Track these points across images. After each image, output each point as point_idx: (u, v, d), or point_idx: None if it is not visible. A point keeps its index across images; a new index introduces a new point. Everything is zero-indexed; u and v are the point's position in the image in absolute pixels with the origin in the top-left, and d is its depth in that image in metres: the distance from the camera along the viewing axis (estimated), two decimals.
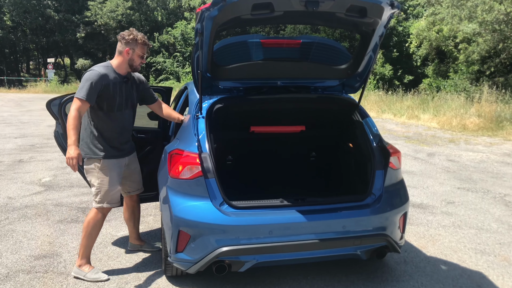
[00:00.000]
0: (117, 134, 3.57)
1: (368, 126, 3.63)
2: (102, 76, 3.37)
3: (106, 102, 3.45)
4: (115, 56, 3.55)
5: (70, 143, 3.22)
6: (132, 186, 3.89)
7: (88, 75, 3.36)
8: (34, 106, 19.84)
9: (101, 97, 3.40)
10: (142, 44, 3.50)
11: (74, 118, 3.24)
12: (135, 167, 3.85)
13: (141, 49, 3.51)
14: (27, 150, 9.12)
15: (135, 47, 3.48)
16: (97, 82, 3.33)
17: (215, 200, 3.02)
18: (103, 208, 3.57)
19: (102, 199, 3.55)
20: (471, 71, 20.32)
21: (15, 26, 41.49)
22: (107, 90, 3.40)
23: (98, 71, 3.37)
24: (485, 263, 3.95)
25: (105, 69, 3.45)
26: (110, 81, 3.42)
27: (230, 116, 3.86)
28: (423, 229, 4.76)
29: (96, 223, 3.58)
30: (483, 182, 6.81)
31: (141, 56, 3.53)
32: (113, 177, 3.55)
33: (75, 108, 3.27)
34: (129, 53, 3.47)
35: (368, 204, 3.24)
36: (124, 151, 3.66)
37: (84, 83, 3.32)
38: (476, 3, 18.31)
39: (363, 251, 3.24)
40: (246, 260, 3.04)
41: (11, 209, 5.26)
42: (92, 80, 3.31)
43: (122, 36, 3.49)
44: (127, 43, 3.46)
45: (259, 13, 2.88)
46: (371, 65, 3.56)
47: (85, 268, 3.58)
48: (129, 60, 3.50)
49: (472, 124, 12.63)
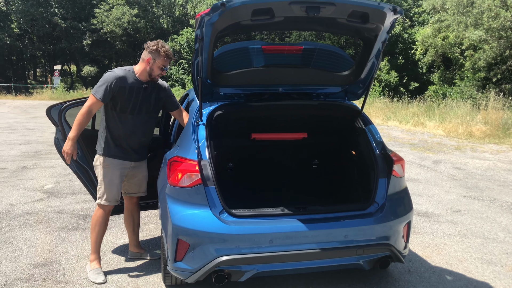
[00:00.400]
0: (125, 135, 3.64)
1: (371, 133, 3.58)
2: (119, 78, 3.49)
3: (120, 104, 3.55)
4: (139, 62, 3.65)
5: (70, 136, 3.45)
6: (132, 188, 3.90)
7: (107, 76, 3.49)
8: (39, 112, 19.92)
9: (115, 98, 3.52)
10: (164, 57, 3.55)
11: (83, 114, 3.45)
12: (141, 171, 3.89)
13: (162, 62, 3.57)
14: (31, 156, 9.13)
15: (157, 58, 3.54)
16: (114, 84, 3.46)
17: (215, 209, 2.97)
18: (102, 205, 3.69)
19: (101, 195, 3.67)
20: (477, 78, 20.21)
21: (23, 33, 41.87)
22: (122, 92, 3.51)
23: (116, 73, 3.50)
24: (492, 273, 3.87)
25: (124, 72, 3.56)
26: (127, 84, 3.52)
27: (231, 123, 3.82)
28: (428, 238, 4.68)
29: (99, 219, 3.72)
30: (489, 190, 6.72)
31: (161, 68, 3.60)
32: (113, 176, 3.65)
33: (88, 104, 3.47)
34: (150, 63, 3.55)
35: (371, 213, 3.18)
36: (131, 154, 3.72)
37: (101, 82, 3.47)
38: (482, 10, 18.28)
39: (366, 261, 3.17)
40: (246, 270, 2.98)
41: (13, 216, 5.24)
42: (109, 81, 3.45)
43: (148, 45, 3.58)
44: (150, 53, 3.54)
45: (259, 18, 2.84)
46: (374, 71, 3.51)
47: (92, 264, 3.74)
48: (149, 69, 3.57)
49: (478, 131, 12.52)
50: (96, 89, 3.46)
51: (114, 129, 3.62)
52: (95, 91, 3.45)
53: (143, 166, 3.91)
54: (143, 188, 3.96)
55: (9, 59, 44.69)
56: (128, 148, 3.69)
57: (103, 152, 3.63)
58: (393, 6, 2.83)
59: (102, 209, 3.71)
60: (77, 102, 4.00)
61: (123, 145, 3.65)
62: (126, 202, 3.99)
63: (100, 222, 3.72)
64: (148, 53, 3.55)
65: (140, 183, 3.92)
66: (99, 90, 3.44)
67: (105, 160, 3.62)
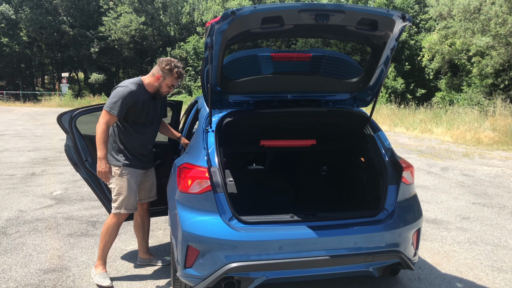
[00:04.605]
0: (139, 146, 3.71)
1: (380, 140, 3.57)
2: (133, 93, 3.51)
3: (133, 117, 3.60)
4: (149, 75, 3.68)
5: (100, 156, 3.45)
6: (143, 194, 3.94)
7: (121, 91, 3.48)
8: (48, 119, 20.10)
9: (129, 112, 3.56)
10: (175, 78, 3.61)
11: (104, 132, 3.44)
12: (151, 177, 3.96)
13: (172, 81, 3.62)
14: (40, 163, 9.19)
15: (167, 77, 3.59)
16: (128, 99, 3.49)
17: (224, 215, 2.98)
18: (120, 214, 3.70)
19: (120, 204, 3.67)
20: (485, 85, 20.11)
21: (31, 41, 42.34)
22: (136, 106, 3.56)
23: (130, 89, 3.51)
24: (503, 281, 3.84)
25: (136, 86, 3.57)
26: (139, 98, 3.56)
27: (240, 130, 3.84)
28: (438, 245, 4.65)
29: (112, 228, 3.73)
30: (499, 197, 6.67)
31: (170, 86, 3.65)
32: (130, 185, 3.67)
33: (105, 121, 3.46)
34: (160, 80, 3.60)
35: (380, 220, 3.17)
36: (143, 163, 3.79)
37: (116, 98, 3.46)
38: (489, 16, 18.23)
39: (375, 268, 3.16)
40: (256, 277, 2.98)
41: (22, 222, 5.27)
42: (124, 96, 3.46)
43: (161, 61, 3.61)
44: (162, 70, 3.57)
45: (269, 26, 2.86)
46: (383, 78, 3.52)
47: (98, 269, 3.74)
48: (157, 85, 3.62)
49: (486, 138, 12.45)
50: (110, 105, 3.47)
51: (128, 140, 3.66)
52: (110, 107, 3.46)
53: (152, 172, 3.98)
54: (154, 192, 4.02)
55: (18, 66, 45.13)
56: (141, 156, 3.75)
57: (119, 163, 3.64)
58: (402, 14, 2.84)
59: (118, 217, 3.72)
60: (88, 109, 4.04)
61: (136, 154, 3.70)
62: (138, 208, 3.99)
63: (112, 230, 3.74)
64: (160, 70, 3.58)
65: (150, 189, 3.98)
66: (115, 107, 3.45)
67: (123, 169, 3.65)
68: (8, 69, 43.80)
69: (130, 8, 39.27)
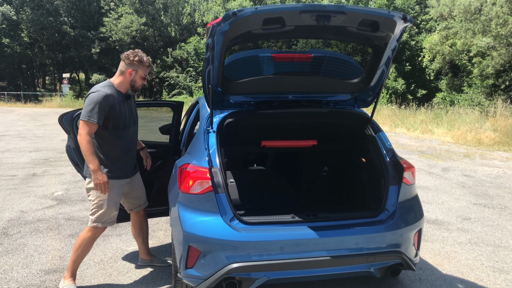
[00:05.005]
0: (123, 152, 3.55)
1: (381, 140, 3.58)
2: (108, 97, 3.34)
3: (112, 122, 3.43)
4: (117, 75, 3.55)
5: (94, 168, 3.27)
6: (134, 203, 3.82)
7: (96, 97, 3.30)
8: (49, 120, 20.12)
9: (108, 117, 3.38)
10: (147, 67, 3.52)
11: (89, 143, 3.26)
12: (137, 184, 3.79)
13: (144, 71, 3.53)
14: (41, 164, 9.20)
15: (139, 69, 3.49)
16: (104, 103, 3.31)
17: (226, 216, 2.98)
18: (97, 228, 3.52)
19: (98, 218, 3.49)
20: (486, 85, 20.11)
21: (32, 42, 42.39)
22: (113, 110, 3.39)
23: (104, 92, 3.34)
24: (504, 281, 3.83)
25: (109, 89, 3.42)
26: (115, 100, 3.41)
27: (241, 131, 3.84)
28: (439, 246, 4.65)
29: (87, 241, 3.54)
30: (500, 198, 6.66)
31: (144, 78, 3.55)
32: (112, 198, 3.49)
33: (86, 132, 3.26)
34: (132, 74, 3.49)
35: (381, 220, 3.17)
36: (127, 172, 3.62)
37: (92, 105, 3.28)
38: (490, 17, 18.23)
39: (376, 269, 3.16)
40: (257, 277, 2.98)
41: (23, 223, 5.28)
42: (100, 102, 3.28)
43: (126, 56, 3.47)
44: (131, 64, 3.46)
45: (270, 27, 2.87)
46: (384, 79, 3.52)
47: (66, 281, 3.55)
48: (131, 80, 3.51)
49: (487, 138, 12.44)
50: (88, 113, 3.26)
51: (110, 148, 3.47)
52: (89, 116, 3.25)
53: (138, 179, 3.81)
54: (144, 199, 3.88)
55: (19, 67, 45.16)
56: (125, 165, 3.58)
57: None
58: (403, 15, 2.84)
59: (95, 231, 3.53)
60: None
61: (120, 163, 3.53)
62: (134, 217, 3.91)
63: (86, 244, 3.55)
64: (128, 65, 3.46)
65: (140, 196, 3.83)
66: (92, 114, 3.26)
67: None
68: (9, 69, 43.86)
69: (131, 8, 39.27)
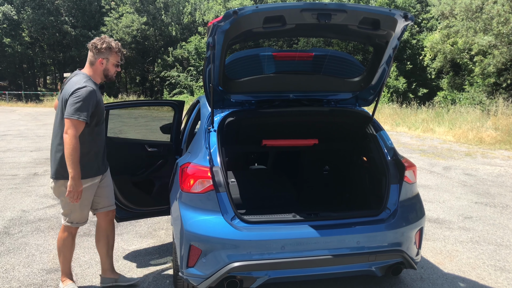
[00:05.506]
0: (101, 148, 3.38)
1: (383, 139, 3.57)
2: (94, 92, 3.15)
3: (97, 117, 3.23)
4: (87, 66, 3.31)
5: (75, 175, 3.04)
6: (102, 202, 3.50)
7: (84, 93, 3.06)
8: (50, 120, 20.12)
9: (93, 114, 3.17)
10: (116, 52, 3.30)
11: (77, 148, 3.01)
12: (108, 183, 3.53)
13: (116, 58, 3.32)
14: (42, 163, 9.21)
15: (109, 56, 3.27)
16: (93, 100, 3.13)
17: (227, 215, 2.98)
18: (71, 227, 3.40)
19: (72, 219, 3.35)
20: (487, 84, 20.08)
21: (33, 42, 42.43)
22: (98, 105, 3.21)
23: (91, 87, 3.12)
24: (505, 280, 3.83)
25: (91, 83, 3.20)
26: (98, 94, 3.23)
27: (242, 130, 3.84)
28: (440, 245, 4.64)
29: (67, 241, 3.43)
30: (501, 197, 6.65)
31: (116, 65, 3.35)
32: (86, 198, 3.31)
33: (76, 133, 3.01)
34: (103, 63, 3.28)
35: (382, 219, 3.17)
36: (100, 169, 3.39)
37: (81, 102, 3.03)
38: (491, 15, 18.20)
39: (378, 268, 3.16)
40: (258, 276, 2.98)
41: (25, 222, 5.28)
42: (89, 98, 3.08)
43: (93, 45, 3.24)
44: (100, 53, 3.24)
45: (271, 26, 2.86)
46: (385, 77, 3.52)
47: (65, 283, 3.48)
48: (103, 70, 3.30)
49: (489, 137, 12.42)
50: (77, 112, 3.01)
51: (89, 146, 3.22)
52: (78, 114, 3.00)
53: (108, 176, 3.54)
54: (113, 200, 3.58)
55: (20, 67, 45.22)
56: (99, 161, 3.36)
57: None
58: (404, 13, 2.84)
59: (70, 230, 3.40)
60: None
61: (95, 161, 3.31)
62: (100, 220, 3.56)
63: (68, 243, 3.43)
64: (97, 54, 3.23)
65: (108, 194, 3.54)
66: (82, 112, 3.03)
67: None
68: (10, 69, 43.90)
69: (132, 8, 39.29)
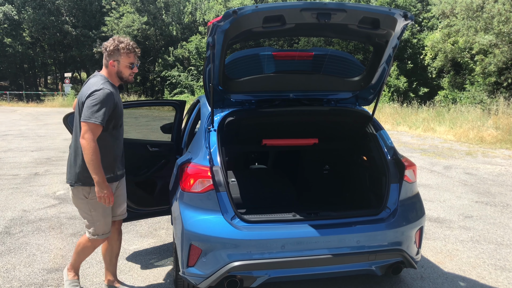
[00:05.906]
0: (119, 153, 3.29)
1: (383, 138, 3.57)
2: (113, 95, 3.05)
3: (114, 121, 3.13)
4: (103, 68, 3.20)
5: (100, 180, 2.95)
6: (114, 211, 3.39)
7: (102, 95, 2.95)
8: (51, 119, 20.14)
9: (110, 117, 3.07)
10: (126, 53, 3.10)
11: (97, 151, 2.91)
12: (122, 190, 3.43)
13: (127, 59, 3.12)
14: (43, 163, 9.22)
15: (119, 58, 3.10)
16: (110, 103, 3.02)
17: (227, 214, 2.98)
18: (97, 240, 3.28)
19: (96, 231, 3.23)
20: (488, 83, 20.05)
21: (34, 42, 42.43)
22: (116, 109, 3.11)
23: (108, 90, 3.01)
24: (506, 279, 3.83)
25: (110, 85, 3.10)
26: (117, 96, 3.13)
27: (242, 129, 3.84)
28: (440, 244, 4.64)
29: (85, 250, 3.35)
30: (502, 196, 6.65)
31: (129, 66, 3.16)
32: (107, 207, 3.21)
33: (93, 137, 2.90)
34: (115, 66, 3.12)
35: (383, 219, 3.17)
36: (118, 174, 3.30)
37: (99, 105, 2.93)
38: (492, 14, 18.17)
39: (378, 267, 3.16)
40: (258, 275, 2.98)
41: (26, 222, 5.29)
42: (107, 101, 2.97)
43: (104, 47, 3.11)
44: (110, 55, 3.10)
45: (271, 25, 2.87)
46: (385, 77, 3.52)
47: (70, 275, 3.40)
48: (117, 72, 3.15)
49: (489, 136, 12.41)
50: (94, 114, 2.90)
51: (108, 151, 3.12)
52: (96, 118, 2.90)
53: (123, 183, 3.44)
54: (125, 209, 3.49)
55: (21, 67, 45.22)
56: (116, 167, 3.25)
57: (89, 184, 3.06)
58: (404, 12, 2.84)
59: (94, 243, 3.29)
60: None
61: (113, 166, 3.21)
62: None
63: (87, 252, 3.36)
64: (108, 57, 3.10)
65: (121, 203, 3.43)
66: (99, 115, 2.92)
67: (93, 190, 3.07)
68: (11, 69, 43.90)
69: (133, 8, 39.27)
